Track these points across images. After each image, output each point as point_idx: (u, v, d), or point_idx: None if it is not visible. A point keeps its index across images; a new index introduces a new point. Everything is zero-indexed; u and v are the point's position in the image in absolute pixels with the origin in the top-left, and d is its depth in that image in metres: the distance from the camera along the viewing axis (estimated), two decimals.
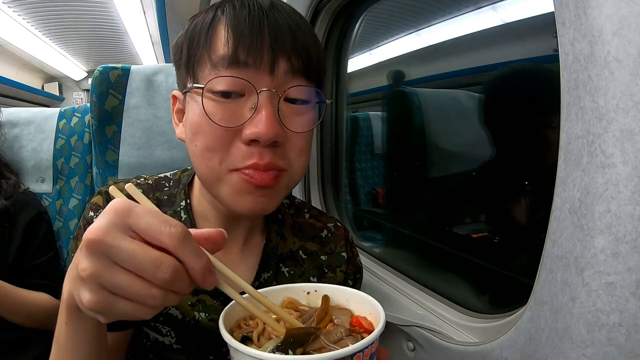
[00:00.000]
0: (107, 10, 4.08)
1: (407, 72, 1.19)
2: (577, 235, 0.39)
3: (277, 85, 0.47)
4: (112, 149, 0.92)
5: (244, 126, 0.46)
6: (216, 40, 0.47)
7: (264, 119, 0.45)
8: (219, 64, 0.46)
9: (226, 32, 0.46)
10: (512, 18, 0.79)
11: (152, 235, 0.30)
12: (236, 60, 0.45)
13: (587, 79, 0.37)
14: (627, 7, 0.35)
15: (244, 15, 0.47)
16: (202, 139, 0.47)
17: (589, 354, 0.38)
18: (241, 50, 0.45)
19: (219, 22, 0.48)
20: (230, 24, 0.46)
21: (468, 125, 0.96)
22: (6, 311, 0.87)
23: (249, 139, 0.46)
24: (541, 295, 0.44)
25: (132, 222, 0.30)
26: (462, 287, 0.79)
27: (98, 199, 0.56)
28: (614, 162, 0.35)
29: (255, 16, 0.46)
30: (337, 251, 0.64)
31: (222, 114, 0.46)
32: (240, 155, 0.46)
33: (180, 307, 0.53)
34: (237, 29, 0.46)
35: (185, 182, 0.60)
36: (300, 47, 0.48)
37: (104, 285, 0.30)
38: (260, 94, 0.46)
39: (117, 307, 0.30)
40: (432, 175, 1.07)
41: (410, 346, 0.72)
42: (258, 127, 0.45)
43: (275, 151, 0.47)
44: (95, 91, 0.89)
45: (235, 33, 0.46)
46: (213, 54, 0.46)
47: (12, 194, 0.98)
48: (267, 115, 0.45)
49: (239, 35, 0.45)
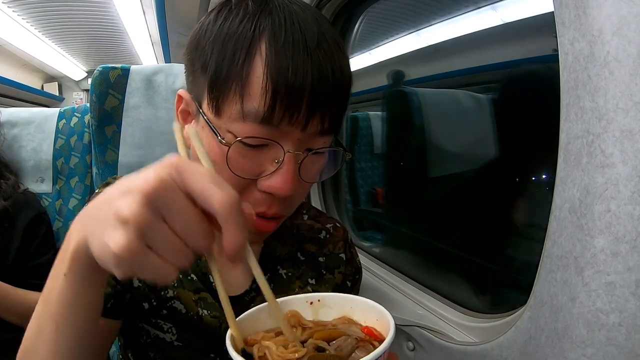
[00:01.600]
0: (107, 10, 4.07)
1: (406, 72, 1.19)
2: (577, 235, 0.39)
3: (304, 141, 0.45)
4: (111, 149, 0.92)
5: (264, 177, 0.45)
6: (252, 83, 0.42)
7: (285, 178, 0.44)
8: (250, 114, 0.42)
9: (265, 80, 0.41)
10: (512, 18, 0.79)
11: (204, 198, 0.29)
12: (271, 118, 0.42)
13: (587, 78, 0.37)
14: (627, 7, 0.35)
15: (287, 57, 0.41)
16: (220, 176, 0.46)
17: (588, 353, 0.38)
18: (279, 107, 0.41)
19: (257, 57, 0.42)
20: (270, 68, 0.41)
21: (468, 125, 0.96)
22: (5, 311, 0.87)
23: (266, 190, 0.45)
24: (541, 295, 0.44)
25: (188, 181, 0.29)
26: (462, 287, 0.80)
27: (101, 191, 0.56)
28: (613, 162, 0.35)
29: (300, 62, 0.41)
30: (336, 252, 0.63)
31: (244, 165, 0.44)
32: (250, 200, 0.46)
33: (185, 302, 0.53)
34: (277, 81, 0.41)
35: None
36: (339, 102, 0.45)
37: (144, 235, 0.28)
38: (287, 154, 0.44)
39: (145, 261, 0.28)
40: (432, 175, 1.07)
41: (410, 346, 0.72)
42: (278, 184, 0.44)
43: (283, 201, 0.47)
44: (95, 91, 0.89)
45: (275, 86, 0.41)
46: (246, 100, 0.42)
47: (12, 194, 0.98)
48: (288, 174, 0.44)
49: (279, 90, 0.41)
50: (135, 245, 0.28)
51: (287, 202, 0.48)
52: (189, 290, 0.53)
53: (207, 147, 0.45)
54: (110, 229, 0.28)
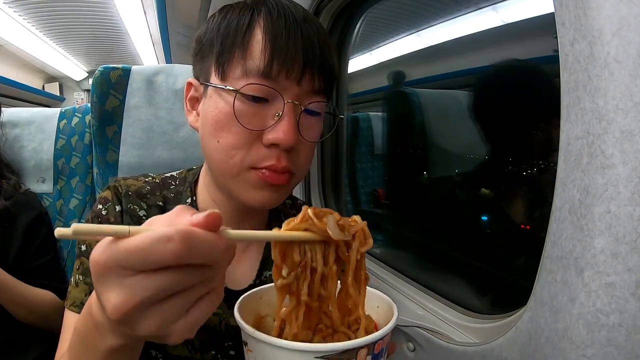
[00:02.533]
0: (108, 11, 4.08)
1: (407, 72, 1.19)
2: (577, 235, 0.39)
3: (301, 97, 0.51)
4: (112, 149, 0.92)
5: (267, 130, 0.50)
6: (252, 47, 0.49)
7: (286, 127, 0.49)
8: (252, 71, 0.49)
9: (263, 42, 0.49)
10: (513, 19, 0.79)
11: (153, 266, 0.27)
12: (270, 72, 0.49)
13: (587, 79, 0.37)
14: (627, 7, 0.35)
15: (280, 26, 0.49)
16: (228, 137, 0.51)
17: (588, 354, 0.38)
18: (276, 63, 0.49)
19: (256, 27, 0.50)
20: (268, 33, 0.49)
21: (468, 126, 0.96)
22: (11, 303, 0.87)
23: (270, 143, 0.50)
24: (541, 295, 0.44)
25: (126, 266, 0.27)
26: (462, 288, 0.80)
27: (107, 193, 0.59)
28: (613, 162, 0.36)
29: (292, 30, 0.50)
30: None
31: (250, 117, 0.50)
32: (260, 155, 0.51)
33: None
34: (274, 41, 0.49)
35: (191, 180, 0.63)
36: (326, 65, 0.52)
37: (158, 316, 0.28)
38: (286, 104, 0.50)
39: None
40: (433, 176, 1.07)
41: (411, 346, 0.72)
42: (281, 134, 0.49)
43: (290, 156, 0.52)
44: (95, 91, 0.89)
45: (272, 45, 0.49)
46: (248, 60, 0.49)
47: (13, 194, 0.98)
48: (289, 124, 0.50)
49: (276, 48, 0.49)
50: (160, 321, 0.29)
51: (293, 157, 0.52)
52: None
53: (214, 112, 0.51)
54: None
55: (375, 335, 0.32)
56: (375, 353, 0.33)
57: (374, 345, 0.32)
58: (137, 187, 0.61)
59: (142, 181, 0.62)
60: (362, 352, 0.32)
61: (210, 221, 0.28)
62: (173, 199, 0.61)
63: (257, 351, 0.33)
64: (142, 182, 0.62)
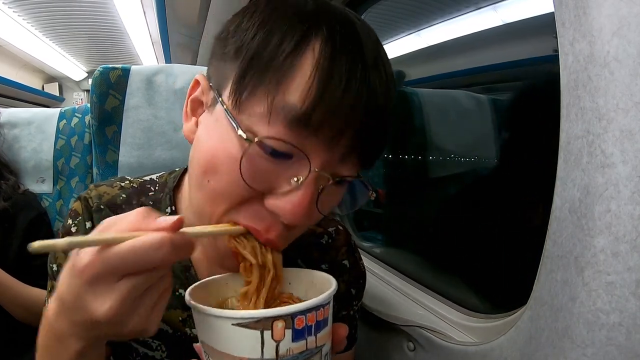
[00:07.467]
0: (107, 11, 4.07)
1: (407, 72, 1.19)
2: (577, 235, 0.39)
3: (333, 163, 0.38)
4: (112, 149, 0.92)
5: (275, 194, 0.38)
6: (292, 80, 0.35)
7: (300, 201, 0.37)
8: (279, 113, 0.35)
9: (311, 80, 0.34)
10: (513, 19, 0.79)
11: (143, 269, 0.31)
12: (308, 122, 0.35)
13: (587, 79, 0.37)
14: (627, 7, 0.35)
15: (339, 62, 0.35)
16: (221, 182, 0.38)
17: (589, 353, 0.38)
18: (319, 111, 0.34)
19: (307, 53, 0.35)
20: (320, 69, 0.35)
21: (468, 126, 0.96)
22: (10, 303, 0.88)
23: (272, 210, 0.38)
24: (541, 295, 0.44)
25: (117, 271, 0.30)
26: (462, 287, 0.80)
27: (77, 205, 0.53)
28: (613, 162, 0.36)
29: (356, 73, 0.35)
30: (339, 259, 0.60)
31: (258, 174, 0.37)
32: (250, 213, 0.39)
33: (171, 323, 0.52)
34: (327, 81, 0.35)
35: (171, 185, 0.54)
36: (382, 131, 0.39)
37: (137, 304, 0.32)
38: (312, 173, 0.36)
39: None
40: (432, 176, 1.07)
41: (411, 346, 0.72)
42: (289, 206, 0.37)
43: (286, 227, 0.40)
44: (95, 91, 0.89)
45: (320, 86, 0.34)
46: (280, 95, 0.35)
47: (12, 195, 0.98)
48: (305, 198, 0.37)
49: (325, 92, 0.34)
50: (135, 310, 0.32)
51: (288, 230, 0.40)
52: (176, 309, 0.51)
53: (215, 144, 0.39)
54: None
55: (293, 308, 0.32)
56: (296, 329, 0.32)
57: (293, 320, 0.32)
58: (111, 196, 0.54)
59: (117, 187, 0.55)
60: (278, 324, 0.31)
61: (177, 225, 0.31)
62: (152, 207, 0.49)
63: (196, 320, 0.36)
64: (117, 190, 0.55)
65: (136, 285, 0.30)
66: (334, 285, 0.37)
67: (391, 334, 0.76)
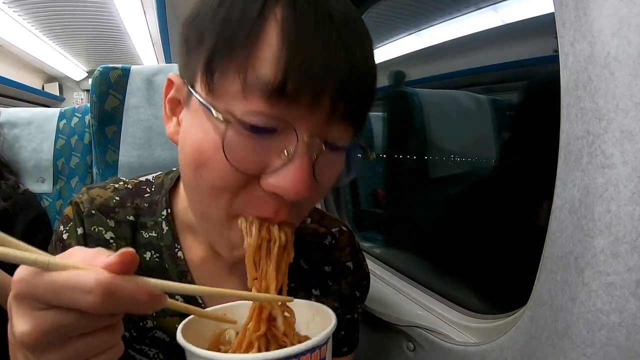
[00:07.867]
0: (107, 10, 4.07)
1: (407, 72, 1.19)
2: (577, 235, 0.39)
3: (322, 127, 0.36)
4: (112, 149, 0.92)
5: (269, 172, 0.36)
6: (260, 51, 0.33)
7: (297, 174, 0.35)
8: (254, 88, 0.33)
9: (279, 45, 0.33)
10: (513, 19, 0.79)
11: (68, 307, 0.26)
12: (283, 91, 0.33)
13: (587, 79, 0.37)
14: (627, 7, 0.35)
15: (308, 24, 0.33)
16: (212, 174, 0.36)
17: (589, 353, 0.38)
18: (295, 77, 0.33)
19: (270, 22, 0.33)
20: (287, 33, 0.33)
21: (468, 126, 0.96)
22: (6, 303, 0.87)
23: (272, 191, 0.36)
24: (541, 295, 0.44)
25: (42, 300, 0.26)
26: (462, 288, 0.80)
27: (69, 210, 0.51)
28: (613, 162, 0.36)
29: (325, 31, 0.33)
30: (343, 260, 0.59)
31: (245, 155, 0.35)
32: (252, 199, 0.37)
33: (169, 331, 0.50)
34: (295, 46, 0.33)
35: (168, 187, 0.52)
36: (367, 87, 0.37)
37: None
38: (301, 142, 0.34)
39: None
40: (432, 176, 1.07)
41: (411, 346, 0.72)
42: (287, 182, 0.35)
43: (293, 206, 0.38)
44: (95, 91, 0.89)
45: (289, 53, 0.32)
46: (250, 71, 0.33)
47: (11, 195, 0.98)
48: (301, 170, 0.35)
49: (296, 58, 0.33)
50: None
51: (297, 208, 0.39)
52: (173, 316, 0.50)
53: (197, 137, 0.37)
54: None
55: (288, 351, 0.30)
56: None
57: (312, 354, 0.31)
58: (104, 199, 0.51)
59: (110, 190, 0.52)
60: None
61: (124, 262, 0.26)
62: (147, 210, 0.51)
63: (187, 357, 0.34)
64: (110, 192, 0.52)
65: (62, 323, 0.26)
66: (334, 322, 0.36)
67: (391, 334, 0.76)
